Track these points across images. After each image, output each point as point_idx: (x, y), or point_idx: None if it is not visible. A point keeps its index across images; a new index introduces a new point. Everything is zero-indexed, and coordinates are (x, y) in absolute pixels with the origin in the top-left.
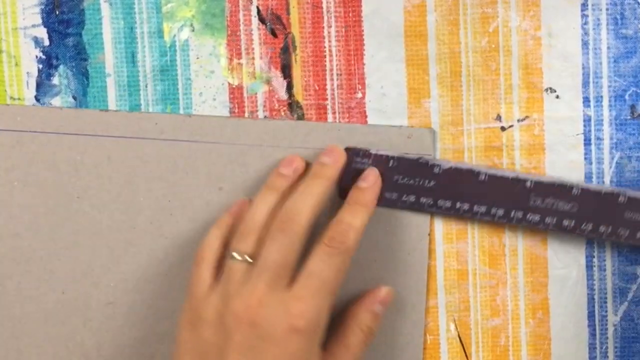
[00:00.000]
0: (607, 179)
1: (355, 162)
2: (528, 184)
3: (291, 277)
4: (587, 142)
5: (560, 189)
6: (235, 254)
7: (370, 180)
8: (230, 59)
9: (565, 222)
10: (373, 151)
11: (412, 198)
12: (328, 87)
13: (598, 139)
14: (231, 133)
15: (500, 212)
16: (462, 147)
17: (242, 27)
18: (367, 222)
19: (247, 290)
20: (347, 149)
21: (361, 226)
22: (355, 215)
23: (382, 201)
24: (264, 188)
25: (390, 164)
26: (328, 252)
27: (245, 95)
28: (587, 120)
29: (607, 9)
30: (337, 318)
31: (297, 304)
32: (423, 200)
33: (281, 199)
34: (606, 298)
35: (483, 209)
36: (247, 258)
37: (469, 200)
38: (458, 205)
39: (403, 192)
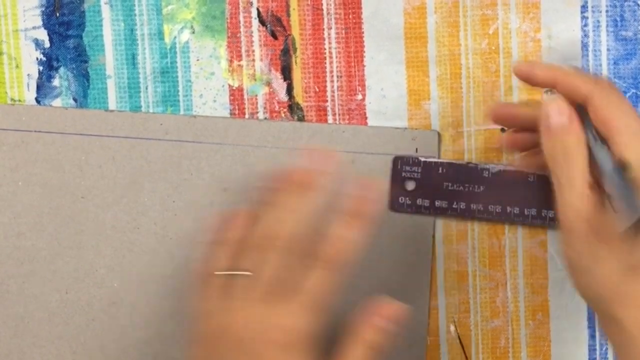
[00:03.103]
0: None
1: (405, 171)
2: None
3: (287, 292)
4: None
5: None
6: (229, 272)
7: (368, 188)
8: (231, 61)
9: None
10: (422, 159)
11: (462, 205)
12: (328, 88)
13: None
14: (236, 134)
15: (551, 213)
16: (462, 149)
17: (242, 29)
18: (364, 233)
19: (239, 306)
20: (397, 158)
21: (356, 239)
22: (348, 228)
23: (433, 210)
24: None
25: (440, 171)
26: (321, 267)
27: (245, 97)
28: None
29: (606, 11)
30: (341, 331)
31: (288, 320)
32: (473, 206)
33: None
34: None
35: (534, 211)
36: (240, 273)
37: (519, 204)
38: (509, 209)
39: (453, 199)
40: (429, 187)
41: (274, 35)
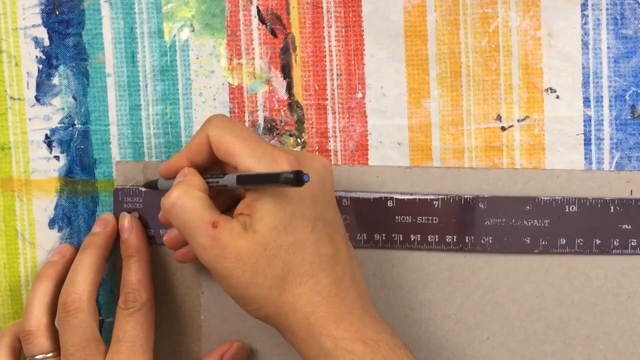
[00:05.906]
0: None
1: (127, 202)
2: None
3: (102, 349)
4: (587, 142)
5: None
6: (37, 358)
7: (126, 228)
8: (230, 59)
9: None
10: (143, 189)
11: None
12: (328, 87)
13: (598, 139)
14: (450, 184)
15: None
16: (462, 147)
17: (242, 27)
18: (148, 265)
19: None
20: (117, 190)
21: (144, 275)
22: (132, 269)
23: (159, 238)
24: (35, 280)
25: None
26: (126, 314)
27: (245, 95)
28: (587, 121)
29: (607, 9)
30: None
31: None
32: None
33: (56, 285)
34: None
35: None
36: (47, 356)
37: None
38: None
39: None
40: (153, 216)
41: (273, 34)
